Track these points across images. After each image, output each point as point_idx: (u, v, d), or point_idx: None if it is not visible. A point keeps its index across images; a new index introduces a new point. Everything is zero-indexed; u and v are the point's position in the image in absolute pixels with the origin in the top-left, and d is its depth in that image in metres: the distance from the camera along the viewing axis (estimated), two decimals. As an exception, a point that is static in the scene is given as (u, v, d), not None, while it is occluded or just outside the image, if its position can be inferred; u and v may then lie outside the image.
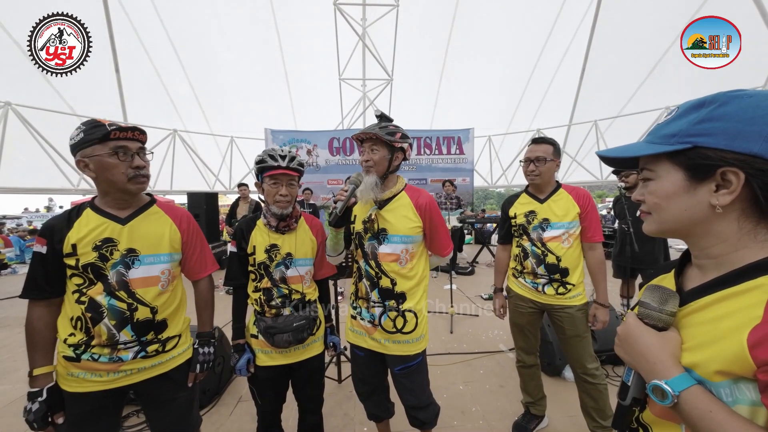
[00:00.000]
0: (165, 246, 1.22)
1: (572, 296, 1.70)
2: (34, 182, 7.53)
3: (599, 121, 9.24)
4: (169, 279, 1.23)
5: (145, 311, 1.15)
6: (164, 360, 1.21)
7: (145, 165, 1.17)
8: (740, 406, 0.44)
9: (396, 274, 1.39)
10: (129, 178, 1.12)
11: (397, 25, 8.88)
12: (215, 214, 6.68)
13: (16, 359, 2.74)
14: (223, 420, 2.14)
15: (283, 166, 1.37)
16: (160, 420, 1.25)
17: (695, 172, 0.51)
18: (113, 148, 1.09)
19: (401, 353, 1.41)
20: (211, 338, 1.37)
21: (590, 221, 1.71)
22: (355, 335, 1.50)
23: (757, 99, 0.47)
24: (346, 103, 10.34)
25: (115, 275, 1.12)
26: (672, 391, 0.47)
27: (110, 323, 1.10)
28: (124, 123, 1.13)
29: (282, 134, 8.25)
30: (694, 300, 0.53)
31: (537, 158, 1.69)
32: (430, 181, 8.39)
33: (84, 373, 1.09)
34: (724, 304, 0.49)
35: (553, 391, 2.22)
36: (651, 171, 0.56)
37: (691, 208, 0.52)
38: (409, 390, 1.46)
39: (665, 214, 0.55)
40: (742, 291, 0.47)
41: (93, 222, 1.13)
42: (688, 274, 0.59)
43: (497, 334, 3.31)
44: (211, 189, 10.37)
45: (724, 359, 0.45)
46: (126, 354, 1.12)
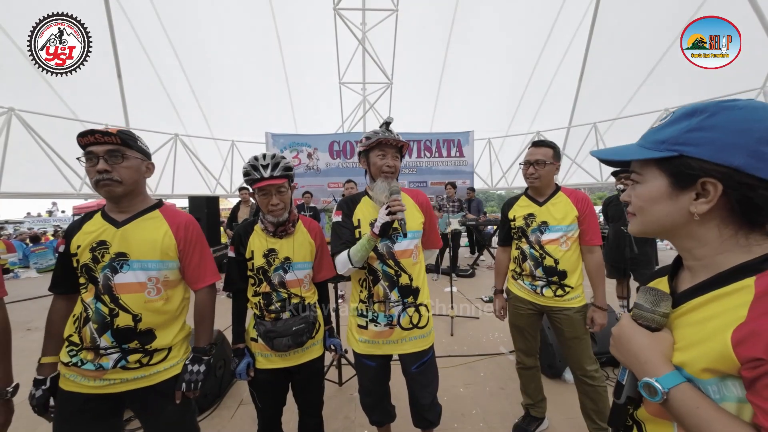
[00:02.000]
0: (155, 252, 1.17)
1: (570, 298, 1.70)
2: (37, 187, 7.59)
3: (599, 123, 9.27)
4: (158, 287, 1.17)
5: (126, 318, 1.11)
6: (148, 373, 1.15)
7: (109, 169, 1.09)
8: (727, 402, 0.46)
9: (412, 269, 1.46)
10: (95, 184, 1.12)
11: (396, 29, 8.95)
12: (216, 218, 6.70)
13: (17, 363, 2.75)
14: (225, 423, 2.14)
15: (266, 177, 1.35)
16: (152, 429, 1.24)
17: (678, 180, 0.52)
18: (85, 155, 1.12)
19: (417, 349, 1.46)
20: (205, 355, 1.26)
21: (589, 224, 1.72)
22: (366, 345, 1.47)
23: (745, 112, 0.48)
24: (346, 107, 10.40)
25: (102, 278, 1.11)
26: (661, 388, 0.48)
27: (93, 326, 1.10)
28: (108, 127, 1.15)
29: (282, 138, 8.27)
30: (686, 302, 0.55)
31: (537, 161, 1.70)
32: (430, 184, 8.40)
33: (74, 375, 1.11)
34: (712, 306, 0.50)
35: (554, 393, 2.21)
36: (639, 174, 0.58)
37: (672, 213, 0.54)
38: (425, 386, 1.50)
39: (648, 216, 0.57)
40: (728, 293, 0.49)
41: (96, 225, 1.17)
42: (681, 276, 0.61)
43: (498, 336, 3.30)
44: (213, 193, 10.42)
45: (710, 358, 0.47)
46: (107, 362, 1.09)
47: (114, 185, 1.11)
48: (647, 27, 7.48)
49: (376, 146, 1.44)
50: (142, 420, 1.24)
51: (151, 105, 8.94)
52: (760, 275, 0.47)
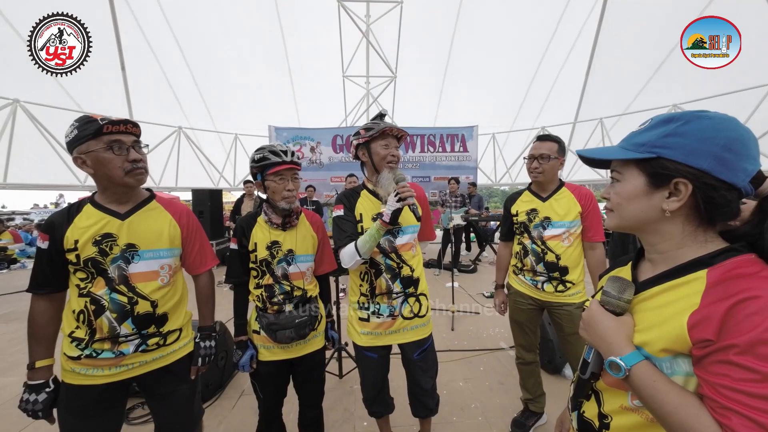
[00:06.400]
0: (164, 241, 1.23)
1: (571, 294, 1.70)
2: (42, 178, 7.64)
3: (605, 118, 9.15)
4: (169, 274, 1.24)
5: (145, 305, 1.17)
6: (165, 353, 1.23)
7: (142, 158, 1.16)
8: (677, 376, 0.54)
9: (412, 261, 1.49)
10: (126, 172, 1.12)
11: (401, 21, 8.84)
12: (219, 211, 6.72)
13: (25, 352, 2.80)
14: (226, 413, 2.17)
15: (288, 161, 1.38)
16: (162, 411, 1.28)
17: (655, 179, 0.59)
18: (108, 143, 1.09)
19: (418, 338, 1.51)
20: (213, 332, 1.38)
21: (591, 221, 1.71)
22: (369, 337, 1.49)
23: (714, 122, 0.55)
24: (349, 101, 10.33)
25: (115, 270, 1.13)
26: (625, 365, 0.56)
27: (111, 316, 1.12)
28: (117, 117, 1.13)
29: (285, 131, 8.25)
30: (646, 289, 0.62)
31: (541, 155, 1.68)
32: (433, 179, 8.37)
33: (85, 369, 1.11)
34: (669, 293, 0.58)
35: (554, 389, 2.22)
36: (619, 173, 0.64)
37: (646, 209, 0.60)
38: (426, 371, 1.54)
39: (625, 212, 0.64)
40: (684, 282, 0.56)
41: (93, 217, 1.14)
42: (641, 267, 0.69)
43: (498, 331, 3.31)
44: (216, 186, 10.44)
45: (667, 339, 0.54)
46: (127, 348, 1.14)
47: (145, 174, 1.19)
48: (657, 21, 7.33)
49: (380, 136, 1.43)
50: (152, 405, 1.29)
51: (154, 97, 8.92)
52: (712, 268, 0.54)
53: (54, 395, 1.11)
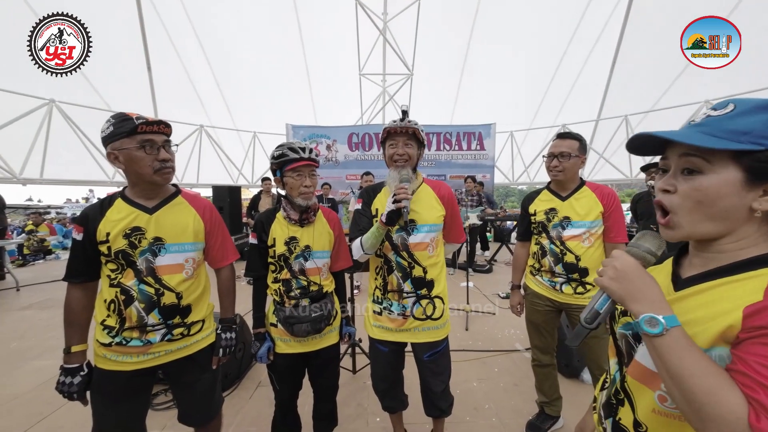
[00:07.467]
0: (189, 235, 1.27)
1: (591, 296, 1.65)
2: (75, 175, 8.07)
3: (630, 116, 8.78)
4: (193, 267, 1.29)
5: (170, 296, 1.22)
6: (189, 343, 1.28)
7: (171, 158, 1.21)
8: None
9: (427, 262, 1.46)
10: (155, 171, 1.17)
11: (418, 18, 8.77)
12: (238, 207, 6.90)
13: (60, 337, 2.97)
14: (243, 403, 2.24)
15: (306, 158, 1.40)
16: (185, 398, 1.34)
17: (757, 176, 0.50)
18: (140, 142, 1.13)
19: (430, 339, 1.49)
20: (233, 324, 1.43)
21: (614, 221, 1.65)
22: (381, 331, 1.52)
23: None
24: (365, 99, 10.36)
25: (143, 262, 1.18)
26: (665, 324, 0.51)
27: (140, 306, 1.18)
28: (152, 117, 1.17)
29: (302, 129, 8.37)
30: (690, 286, 0.58)
31: (561, 153, 1.64)
32: (449, 177, 8.28)
33: (116, 355, 1.18)
34: (721, 289, 0.53)
35: (571, 393, 2.17)
36: (707, 163, 0.52)
37: (734, 209, 0.52)
38: (436, 374, 1.53)
39: (707, 211, 0.54)
40: (742, 279, 0.52)
41: (123, 211, 1.19)
42: (684, 263, 0.64)
43: (514, 333, 3.26)
44: (235, 182, 10.72)
45: (713, 333, 0.51)
46: (154, 336, 1.20)
47: (172, 173, 1.24)
48: (687, 13, 6.95)
49: (387, 137, 1.47)
50: (176, 392, 1.36)
51: (178, 97, 9.24)
52: None
53: (88, 379, 1.18)
